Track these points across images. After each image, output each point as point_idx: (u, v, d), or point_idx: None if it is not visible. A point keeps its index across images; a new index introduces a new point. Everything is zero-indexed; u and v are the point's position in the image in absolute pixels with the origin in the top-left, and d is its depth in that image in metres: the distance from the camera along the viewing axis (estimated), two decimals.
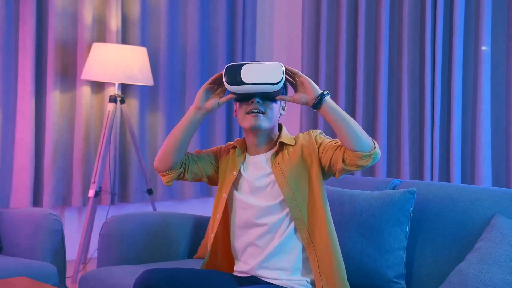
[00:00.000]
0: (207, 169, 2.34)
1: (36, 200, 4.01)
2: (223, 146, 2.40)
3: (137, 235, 2.85)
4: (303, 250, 2.20)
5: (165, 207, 4.52)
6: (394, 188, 2.68)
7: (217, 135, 4.75)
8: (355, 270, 2.45)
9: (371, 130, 4.37)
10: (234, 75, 2.10)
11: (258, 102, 2.20)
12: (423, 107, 4.11)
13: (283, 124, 2.35)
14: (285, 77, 2.14)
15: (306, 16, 4.68)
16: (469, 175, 3.98)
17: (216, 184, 2.37)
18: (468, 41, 3.98)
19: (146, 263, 2.85)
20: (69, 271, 4.03)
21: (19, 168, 3.91)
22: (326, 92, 2.11)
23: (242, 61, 4.85)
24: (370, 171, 4.36)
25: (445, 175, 4.03)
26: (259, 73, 2.09)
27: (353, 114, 4.46)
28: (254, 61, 4.96)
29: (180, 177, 2.30)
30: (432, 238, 2.44)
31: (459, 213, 2.40)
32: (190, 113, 2.21)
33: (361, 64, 4.36)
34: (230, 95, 2.20)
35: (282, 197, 2.20)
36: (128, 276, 2.50)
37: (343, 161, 2.09)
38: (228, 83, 2.12)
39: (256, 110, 2.19)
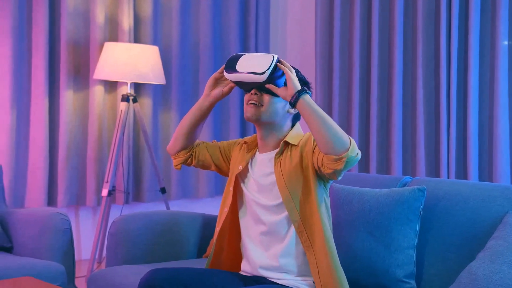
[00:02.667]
0: (216, 158, 2.38)
1: (51, 200, 4.02)
2: (240, 140, 2.40)
3: (144, 235, 2.84)
4: (305, 253, 2.16)
5: (179, 206, 4.51)
6: (404, 185, 2.63)
7: (231, 130, 4.73)
8: (363, 270, 2.40)
9: (385, 126, 4.31)
10: (233, 63, 2.15)
11: (256, 94, 2.19)
12: (438, 103, 4.04)
13: (298, 123, 2.29)
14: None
15: (319, 11, 4.63)
16: (486, 172, 3.91)
17: (227, 176, 2.40)
18: (485, 35, 3.91)
19: (153, 262, 2.83)
20: (84, 271, 4.04)
21: (33, 168, 3.92)
22: (307, 91, 2.06)
23: None
24: (384, 169, 4.30)
25: (462, 172, 3.96)
26: (251, 62, 2.12)
27: (367, 111, 4.41)
28: None
29: (188, 162, 2.38)
30: (442, 236, 2.38)
31: (470, 211, 2.35)
32: (199, 100, 2.31)
33: (375, 59, 4.30)
34: (230, 84, 2.25)
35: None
36: (134, 276, 2.49)
37: (322, 164, 2.06)
38: (225, 70, 2.17)
39: (252, 101, 2.20)
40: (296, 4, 5.05)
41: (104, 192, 3.94)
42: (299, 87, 2.07)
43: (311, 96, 2.08)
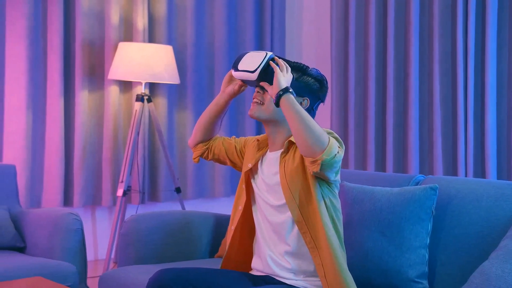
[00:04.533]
0: (231, 153, 2.40)
1: (67, 200, 4.04)
2: (255, 137, 2.41)
3: (155, 234, 2.83)
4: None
5: (195, 206, 4.50)
6: (417, 184, 2.59)
7: (247, 128, 4.72)
8: (375, 270, 2.37)
9: (402, 125, 4.26)
10: (237, 62, 2.19)
11: (259, 92, 2.22)
12: (455, 100, 3.98)
13: None
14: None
15: (334, 9, 4.60)
16: (505, 170, 3.84)
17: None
18: (502, 31, 3.84)
19: (164, 262, 2.82)
20: (100, 270, 4.05)
21: (49, 168, 3.94)
22: (290, 90, 2.06)
23: None
24: (401, 168, 4.25)
25: (480, 171, 3.90)
26: (249, 60, 2.16)
27: (383, 110, 4.36)
28: (284, 57, 4.90)
29: (205, 156, 2.43)
30: (455, 236, 2.35)
31: (483, 209, 2.31)
32: (217, 96, 2.36)
33: (391, 57, 4.25)
34: (239, 82, 2.28)
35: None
36: (145, 276, 2.48)
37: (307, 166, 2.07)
38: (232, 68, 2.22)
39: (254, 99, 2.23)
40: (311, 2, 5.02)
41: (119, 192, 3.95)
42: (283, 86, 2.06)
43: (294, 96, 2.07)
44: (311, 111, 2.23)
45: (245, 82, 2.24)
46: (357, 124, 4.45)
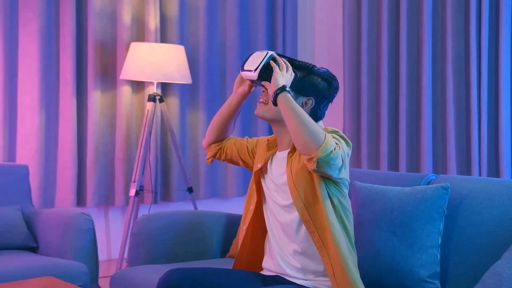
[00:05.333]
0: (243, 154, 2.41)
1: (80, 200, 4.05)
2: (267, 137, 2.41)
3: (166, 234, 2.83)
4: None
5: (207, 206, 4.50)
6: (428, 183, 2.57)
7: (259, 128, 4.71)
8: (386, 270, 2.35)
9: (415, 124, 4.23)
10: (245, 61, 2.21)
11: (264, 92, 2.24)
12: (469, 99, 3.95)
13: (321, 122, 2.25)
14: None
15: (347, 8, 4.57)
16: None
17: None
18: None
19: (175, 262, 2.82)
20: (113, 270, 4.07)
21: (62, 168, 3.95)
22: (287, 89, 2.07)
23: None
24: (414, 167, 4.22)
25: (494, 171, 3.86)
26: (253, 60, 2.18)
27: (396, 109, 4.33)
28: (296, 56, 4.89)
29: (217, 156, 2.44)
30: (467, 235, 2.32)
31: (496, 209, 2.28)
32: (229, 97, 2.38)
33: (404, 55, 4.22)
34: (248, 82, 2.30)
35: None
36: (155, 276, 2.48)
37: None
38: (241, 69, 2.24)
39: (260, 99, 2.24)
40: (324, 1, 5.00)
41: (132, 192, 3.95)
42: (280, 84, 2.07)
43: (291, 94, 2.08)
44: (318, 111, 2.21)
45: (252, 82, 2.26)
46: (370, 123, 4.42)
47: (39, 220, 3.19)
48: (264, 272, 2.31)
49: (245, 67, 2.19)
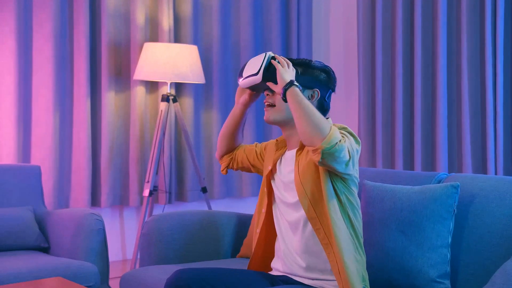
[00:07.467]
0: (253, 159, 2.45)
1: (94, 200, 4.07)
2: (274, 140, 2.41)
3: (176, 234, 2.83)
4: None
5: (222, 206, 4.49)
6: (439, 182, 2.53)
7: (273, 132, 4.69)
8: (395, 269, 2.32)
9: (430, 122, 4.19)
10: (241, 72, 2.22)
11: (268, 95, 2.24)
12: (484, 96, 3.89)
13: (329, 118, 2.24)
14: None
15: (361, 6, 4.54)
16: None
17: None
18: None
19: (186, 262, 2.82)
20: (126, 270, 4.07)
21: (77, 169, 3.97)
22: (294, 83, 2.07)
23: (298, 57, 4.76)
24: (430, 166, 4.17)
25: (510, 168, 3.80)
26: (251, 66, 2.18)
27: (411, 107, 4.29)
28: (311, 56, 4.86)
29: (231, 166, 2.49)
30: (478, 235, 2.29)
31: (507, 207, 2.24)
32: (233, 109, 2.41)
33: (418, 53, 4.18)
34: (248, 90, 2.32)
35: None
36: (165, 276, 2.47)
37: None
38: (238, 78, 2.24)
39: (266, 103, 2.25)
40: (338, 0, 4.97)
41: (146, 192, 3.96)
42: (287, 80, 2.09)
43: (300, 89, 2.09)
44: (324, 101, 2.23)
45: (253, 89, 2.26)
46: (384, 122, 4.39)
47: (51, 221, 3.20)
48: (273, 272, 2.30)
49: (244, 74, 2.19)
